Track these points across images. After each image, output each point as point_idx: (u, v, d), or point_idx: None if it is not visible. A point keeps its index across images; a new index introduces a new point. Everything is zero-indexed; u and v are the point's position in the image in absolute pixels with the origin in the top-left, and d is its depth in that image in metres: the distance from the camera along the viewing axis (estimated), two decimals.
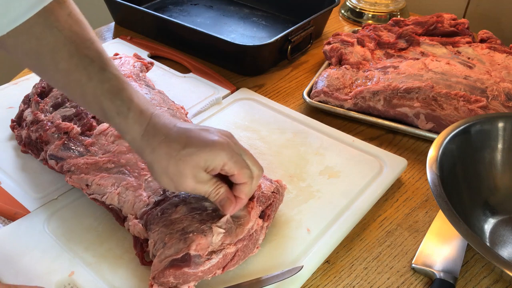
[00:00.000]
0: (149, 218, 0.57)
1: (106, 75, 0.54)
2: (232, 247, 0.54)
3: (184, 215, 0.55)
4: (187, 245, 0.51)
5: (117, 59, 0.85)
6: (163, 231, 0.54)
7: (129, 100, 0.54)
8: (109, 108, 0.54)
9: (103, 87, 0.54)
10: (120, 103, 0.53)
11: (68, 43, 0.54)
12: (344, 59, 0.92)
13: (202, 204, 0.57)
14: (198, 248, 0.51)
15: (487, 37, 0.96)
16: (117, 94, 0.54)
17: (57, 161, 0.65)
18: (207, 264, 0.52)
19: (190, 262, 0.51)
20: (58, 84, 0.58)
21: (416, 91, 0.81)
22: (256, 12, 1.18)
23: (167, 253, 0.52)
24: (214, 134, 0.54)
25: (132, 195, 0.59)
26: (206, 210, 0.56)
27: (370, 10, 1.18)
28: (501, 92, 0.80)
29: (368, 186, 0.68)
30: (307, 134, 0.78)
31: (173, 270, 0.50)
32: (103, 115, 0.55)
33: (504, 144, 0.67)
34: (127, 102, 0.54)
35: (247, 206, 0.57)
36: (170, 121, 0.55)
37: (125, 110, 0.53)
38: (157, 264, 0.52)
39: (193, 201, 0.57)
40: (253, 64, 0.96)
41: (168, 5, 1.21)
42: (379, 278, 0.59)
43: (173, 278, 0.51)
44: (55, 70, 0.55)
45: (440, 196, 0.56)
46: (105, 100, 0.53)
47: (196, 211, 0.56)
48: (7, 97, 0.85)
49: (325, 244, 0.60)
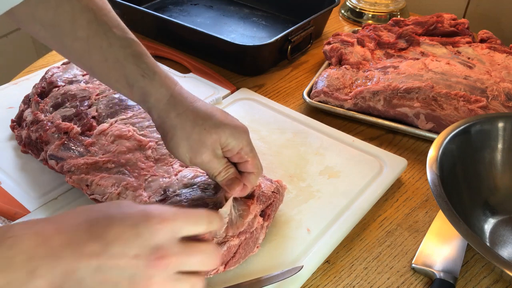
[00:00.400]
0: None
1: (127, 41, 0.55)
2: (236, 239, 0.54)
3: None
4: None
5: None
6: None
7: (153, 64, 0.55)
8: (133, 72, 0.54)
9: (125, 51, 0.54)
10: (145, 66, 0.54)
11: (86, 10, 0.54)
12: (344, 59, 0.92)
13: (204, 201, 0.57)
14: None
15: (487, 37, 0.96)
16: (140, 58, 0.54)
17: (57, 161, 0.65)
18: None
19: None
20: (76, 53, 0.57)
21: (416, 91, 0.81)
22: (256, 12, 1.18)
23: None
24: (235, 119, 0.56)
25: (132, 195, 0.59)
26: (207, 206, 0.56)
27: (370, 10, 1.18)
28: (501, 92, 0.80)
29: (368, 186, 0.68)
30: (307, 134, 0.78)
31: None
32: (125, 81, 0.55)
33: (504, 144, 0.67)
34: (152, 66, 0.54)
35: (247, 202, 0.57)
36: (193, 95, 0.56)
37: (151, 73, 0.54)
38: None
39: (195, 199, 0.57)
40: (253, 64, 0.96)
41: (168, 5, 1.21)
42: (379, 278, 0.59)
43: None
44: (74, 39, 0.55)
45: (440, 196, 0.56)
46: (128, 64, 0.54)
47: (198, 207, 0.56)
48: (7, 97, 0.85)
49: (325, 244, 0.60)
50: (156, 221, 0.40)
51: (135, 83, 0.54)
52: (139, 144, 0.65)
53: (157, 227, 0.40)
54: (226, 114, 0.56)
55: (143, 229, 0.39)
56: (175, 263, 0.40)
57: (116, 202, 0.44)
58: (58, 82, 0.77)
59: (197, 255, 0.41)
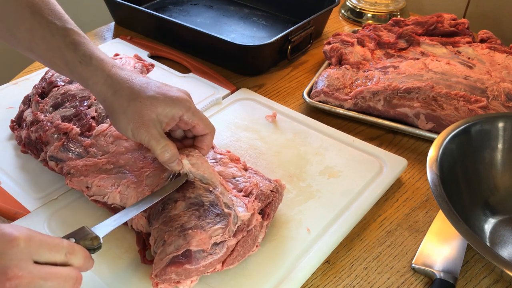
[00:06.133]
0: (152, 211, 0.57)
1: (68, 31, 0.59)
2: (233, 239, 0.54)
3: (182, 211, 0.55)
4: (187, 241, 0.52)
5: (117, 59, 0.85)
6: (162, 229, 0.54)
7: (90, 51, 0.58)
8: (72, 59, 0.58)
9: (65, 40, 0.58)
10: (82, 53, 0.58)
11: (31, 4, 0.59)
12: (344, 59, 0.92)
13: (200, 199, 0.57)
14: (199, 244, 0.52)
15: (487, 37, 0.96)
16: (78, 46, 0.58)
17: (57, 162, 0.65)
18: (209, 259, 0.52)
19: (191, 258, 0.51)
20: (23, 44, 0.61)
21: (416, 91, 0.81)
22: (256, 12, 1.18)
23: (167, 251, 0.52)
24: (174, 89, 0.58)
25: (134, 191, 0.60)
26: (203, 206, 0.56)
27: (370, 10, 1.18)
28: (501, 92, 0.80)
29: (368, 186, 0.68)
30: (307, 134, 0.78)
31: (174, 268, 0.51)
32: (67, 67, 0.59)
33: (504, 144, 0.67)
34: (89, 52, 0.58)
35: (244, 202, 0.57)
36: (131, 73, 0.59)
37: (87, 59, 0.57)
38: (158, 262, 0.52)
39: (192, 196, 0.57)
40: (253, 64, 0.96)
41: (168, 5, 1.21)
42: (379, 278, 0.59)
43: (175, 275, 0.51)
44: (19, 30, 0.59)
45: (440, 196, 0.56)
46: (68, 52, 0.58)
47: (194, 206, 0.56)
48: (7, 97, 0.85)
49: (325, 244, 0.60)
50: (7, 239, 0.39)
51: (74, 69, 0.58)
52: (137, 144, 0.65)
53: (10, 249, 0.39)
54: (164, 86, 0.58)
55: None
56: (27, 285, 0.39)
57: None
58: (58, 82, 0.77)
59: (53, 281, 0.40)
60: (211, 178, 0.58)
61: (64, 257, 0.43)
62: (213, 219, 0.55)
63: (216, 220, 0.55)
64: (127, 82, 0.57)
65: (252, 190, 0.59)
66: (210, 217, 0.55)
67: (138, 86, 0.57)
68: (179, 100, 0.57)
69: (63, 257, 0.43)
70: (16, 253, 0.39)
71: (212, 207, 0.56)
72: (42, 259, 0.41)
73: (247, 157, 0.73)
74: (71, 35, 0.59)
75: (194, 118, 0.57)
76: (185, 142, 0.62)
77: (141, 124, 0.55)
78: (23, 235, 0.40)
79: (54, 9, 0.60)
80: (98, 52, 0.59)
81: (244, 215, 0.55)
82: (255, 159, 0.73)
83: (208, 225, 0.54)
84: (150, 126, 0.55)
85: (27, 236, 0.41)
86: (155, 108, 0.55)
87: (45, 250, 0.41)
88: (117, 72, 0.58)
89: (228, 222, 0.54)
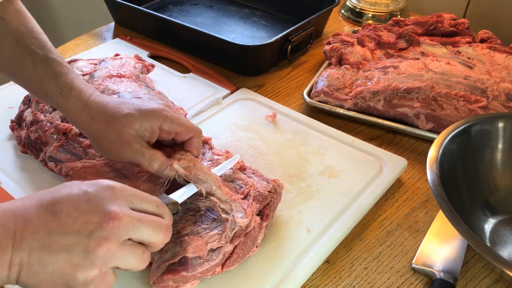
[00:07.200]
0: None
1: (50, 61, 0.60)
2: (229, 246, 0.54)
3: (178, 217, 0.55)
4: (183, 248, 0.52)
5: (117, 59, 0.85)
6: None
7: (71, 82, 0.59)
8: (52, 90, 0.59)
9: (47, 71, 0.59)
10: (62, 84, 0.59)
11: (15, 32, 0.60)
12: (344, 59, 0.92)
13: (196, 204, 0.57)
14: (195, 250, 0.51)
15: (487, 37, 0.95)
16: (59, 77, 0.59)
17: (56, 163, 0.65)
18: (205, 265, 0.52)
19: (188, 265, 0.51)
20: (7, 70, 0.62)
21: (416, 91, 0.81)
22: (256, 12, 1.18)
23: (164, 258, 0.52)
24: (149, 103, 0.59)
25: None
26: (199, 211, 0.56)
27: (370, 10, 1.18)
28: (501, 92, 0.80)
29: (368, 186, 0.68)
30: (307, 134, 0.78)
31: (171, 275, 0.51)
32: (47, 97, 0.60)
33: (504, 144, 0.67)
34: (69, 83, 0.59)
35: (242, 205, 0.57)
36: (109, 97, 0.60)
37: (67, 90, 0.58)
38: (155, 269, 0.52)
39: (188, 201, 0.57)
40: (253, 64, 0.96)
41: (168, 5, 1.21)
42: (379, 278, 0.59)
43: (172, 282, 0.51)
44: (3, 57, 0.60)
45: (440, 196, 0.56)
46: (49, 83, 0.59)
47: (189, 212, 0.56)
48: (7, 97, 0.85)
49: (325, 244, 0.60)
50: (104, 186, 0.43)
51: (54, 99, 0.59)
52: None
53: (107, 193, 0.43)
54: (138, 102, 0.58)
55: (93, 196, 0.42)
56: (127, 225, 0.42)
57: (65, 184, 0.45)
58: None
59: (148, 224, 0.44)
60: (207, 179, 0.57)
61: (156, 208, 0.46)
62: (209, 224, 0.55)
63: (212, 225, 0.54)
64: (103, 107, 0.57)
65: (249, 191, 0.58)
66: (206, 222, 0.55)
67: (112, 108, 0.57)
68: (155, 112, 0.57)
69: (155, 208, 0.46)
70: (114, 198, 0.43)
71: (208, 212, 0.56)
72: (136, 207, 0.45)
73: (247, 157, 0.73)
74: (52, 65, 0.60)
75: (173, 125, 0.57)
76: (176, 148, 0.61)
77: (122, 143, 0.55)
78: (117, 184, 0.45)
79: (38, 37, 0.61)
80: (78, 82, 0.60)
81: (242, 221, 0.54)
82: (255, 159, 0.73)
83: (205, 231, 0.53)
84: (132, 142, 0.55)
85: (121, 185, 0.45)
86: (133, 124, 0.55)
87: (138, 199, 0.45)
88: (94, 99, 0.58)
89: (225, 228, 0.54)
